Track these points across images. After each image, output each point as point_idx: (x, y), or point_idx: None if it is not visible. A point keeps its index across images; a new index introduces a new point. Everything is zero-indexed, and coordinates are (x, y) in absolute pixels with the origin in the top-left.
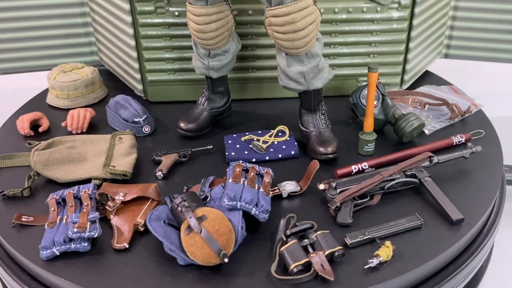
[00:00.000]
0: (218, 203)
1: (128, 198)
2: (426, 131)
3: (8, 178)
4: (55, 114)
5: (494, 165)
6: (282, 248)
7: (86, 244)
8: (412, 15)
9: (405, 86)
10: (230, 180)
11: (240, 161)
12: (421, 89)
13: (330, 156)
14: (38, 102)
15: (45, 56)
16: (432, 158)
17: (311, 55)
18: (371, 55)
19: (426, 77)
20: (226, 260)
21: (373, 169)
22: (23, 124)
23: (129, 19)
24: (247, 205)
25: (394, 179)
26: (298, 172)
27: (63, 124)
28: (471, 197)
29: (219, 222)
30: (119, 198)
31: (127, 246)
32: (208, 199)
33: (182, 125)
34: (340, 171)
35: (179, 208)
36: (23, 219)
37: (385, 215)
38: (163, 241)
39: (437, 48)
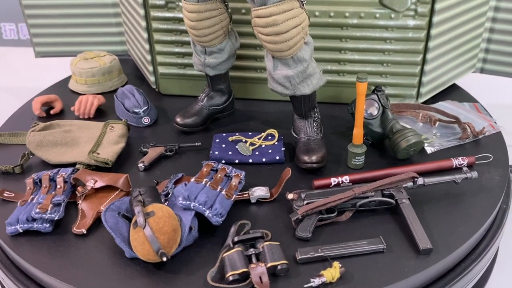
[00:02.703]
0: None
1: (98, 185)
2: (429, 150)
3: (11, 154)
4: (73, 99)
5: (492, 194)
6: (224, 255)
7: (47, 225)
8: (430, 24)
9: (421, 100)
10: (193, 179)
11: (211, 161)
12: (440, 104)
13: (315, 165)
14: (62, 85)
15: (78, 43)
16: (416, 180)
17: (298, 59)
18: (385, 64)
19: (452, 92)
20: (164, 259)
21: (350, 183)
22: (35, 105)
23: (142, 11)
24: (200, 206)
25: (367, 197)
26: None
27: (72, 108)
28: (453, 228)
29: (164, 220)
30: (89, 184)
31: (85, 232)
32: (170, 195)
33: (178, 120)
34: (317, 182)
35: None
36: (5, 194)
37: (351, 233)
38: (110, 232)
39: (468, 61)
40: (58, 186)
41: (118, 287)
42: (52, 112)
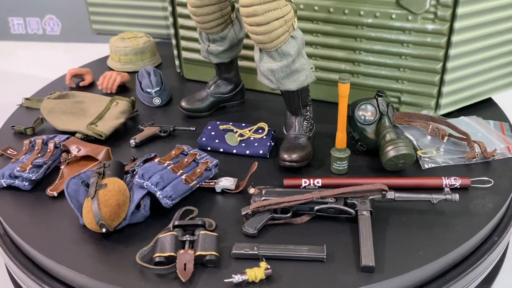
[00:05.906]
0: None
1: (80, 154)
2: (425, 165)
3: (35, 117)
4: None
5: (476, 222)
6: (159, 236)
7: (26, 184)
8: (451, 30)
9: (441, 112)
10: (156, 160)
11: (184, 145)
12: (460, 119)
13: (294, 164)
14: (103, 61)
15: (129, 23)
16: (384, 192)
17: (282, 53)
18: (401, 69)
19: (483, 107)
20: (104, 230)
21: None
22: (67, 76)
23: None
24: (152, 186)
25: (326, 203)
26: (260, 173)
27: (97, 82)
28: (412, 251)
29: (111, 194)
30: (73, 152)
31: (56, 195)
32: (135, 172)
33: (183, 104)
34: (287, 181)
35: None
36: (8, 152)
37: (301, 238)
38: (67, 197)
39: (509, 75)
40: (48, 150)
41: (60, 248)
42: (81, 84)
